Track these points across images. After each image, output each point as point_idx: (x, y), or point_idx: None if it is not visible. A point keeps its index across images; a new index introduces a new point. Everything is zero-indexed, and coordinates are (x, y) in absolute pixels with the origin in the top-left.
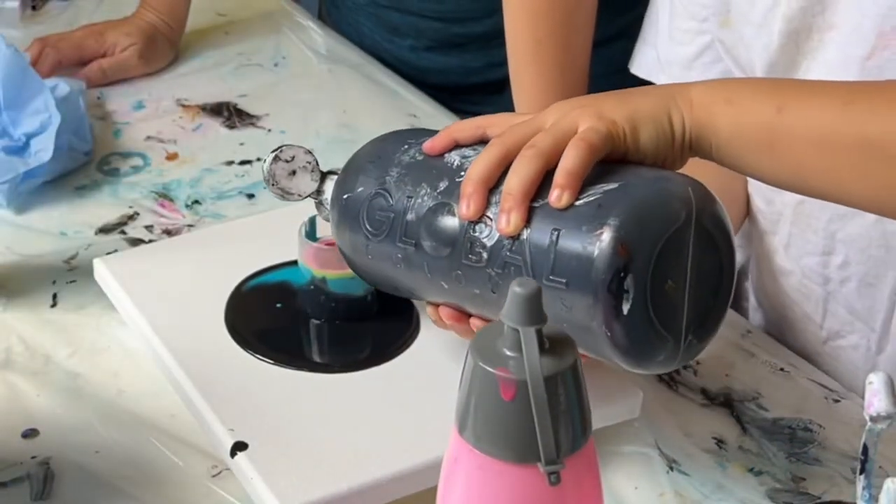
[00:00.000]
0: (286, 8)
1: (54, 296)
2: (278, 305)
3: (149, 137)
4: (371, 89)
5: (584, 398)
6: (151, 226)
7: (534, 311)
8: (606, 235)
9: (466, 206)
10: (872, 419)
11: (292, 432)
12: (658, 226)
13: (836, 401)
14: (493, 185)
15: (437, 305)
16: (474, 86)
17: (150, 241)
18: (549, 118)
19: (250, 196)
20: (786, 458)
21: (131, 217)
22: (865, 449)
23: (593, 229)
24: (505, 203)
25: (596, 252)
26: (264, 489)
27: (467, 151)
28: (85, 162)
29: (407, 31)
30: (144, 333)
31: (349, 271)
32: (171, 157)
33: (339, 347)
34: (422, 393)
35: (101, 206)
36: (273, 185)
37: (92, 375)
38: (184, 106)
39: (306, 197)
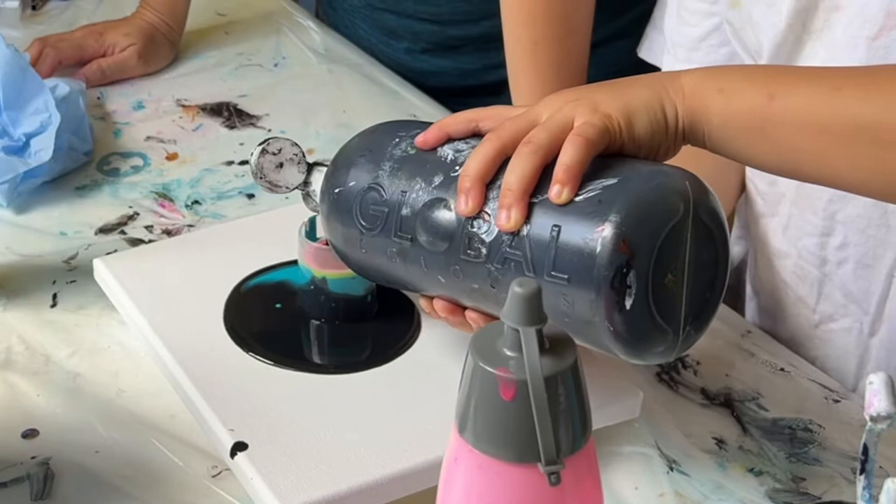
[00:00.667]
0: (286, 8)
1: (54, 296)
2: (278, 306)
3: (149, 137)
4: (371, 89)
5: (584, 398)
6: (151, 226)
7: (534, 311)
8: (608, 232)
9: (465, 202)
10: (872, 419)
11: (292, 432)
12: (658, 221)
13: (836, 401)
14: (490, 181)
15: (430, 298)
16: (471, 88)
17: (150, 241)
18: (543, 112)
19: (250, 196)
20: (786, 458)
21: (131, 217)
22: (865, 449)
23: (594, 225)
24: (504, 199)
25: (598, 248)
26: (264, 489)
27: (460, 145)
28: (85, 162)
29: (403, 33)
30: (144, 333)
31: (349, 271)
32: (171, 157)
33: (339, 348)
34: (422, 393)
35: (101, 206)
36: (261, 178)
37: (92, 375)
38: (184, 106)
39: (294, 189)
